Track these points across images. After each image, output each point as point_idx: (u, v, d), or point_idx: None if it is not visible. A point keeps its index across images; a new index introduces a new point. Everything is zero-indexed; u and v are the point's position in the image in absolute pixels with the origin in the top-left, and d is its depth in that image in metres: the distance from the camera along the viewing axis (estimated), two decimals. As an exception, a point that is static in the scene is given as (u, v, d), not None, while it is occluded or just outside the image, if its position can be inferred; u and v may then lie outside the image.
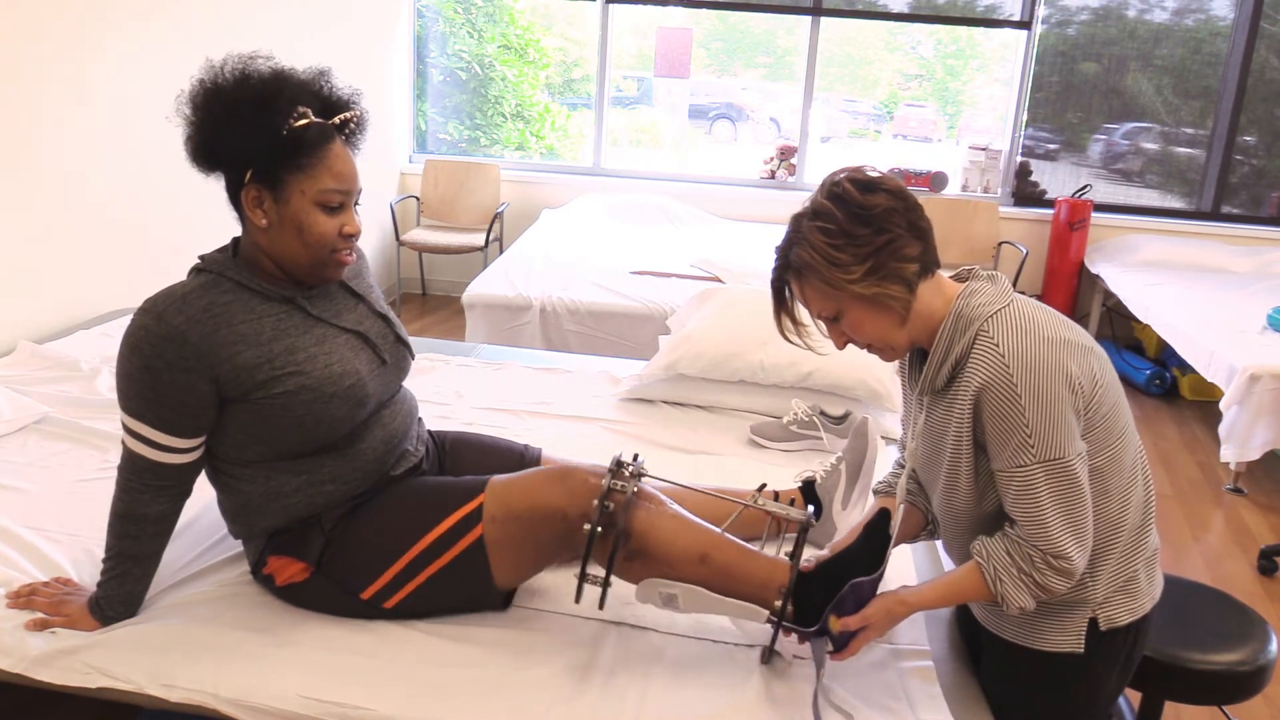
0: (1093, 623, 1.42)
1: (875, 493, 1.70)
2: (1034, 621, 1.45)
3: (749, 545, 1.57)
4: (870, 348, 1.44)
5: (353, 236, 1.57)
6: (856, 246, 1.34)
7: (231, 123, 1.47)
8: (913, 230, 1.36)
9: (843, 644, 1.44)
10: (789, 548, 1.70)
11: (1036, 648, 1.45)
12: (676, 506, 1.59)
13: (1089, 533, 1.35)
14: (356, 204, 1.60)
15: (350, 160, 1.56)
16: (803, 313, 1.48)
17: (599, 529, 1.49)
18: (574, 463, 1.62)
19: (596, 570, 1.70)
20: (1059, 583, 1.35)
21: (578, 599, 1.53)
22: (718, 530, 1.57)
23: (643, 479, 1.56)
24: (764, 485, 1.64)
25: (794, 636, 1.51)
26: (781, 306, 1.47)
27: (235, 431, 1.55)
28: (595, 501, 1.51)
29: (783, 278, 1.44)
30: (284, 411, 1.53)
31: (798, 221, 1.39)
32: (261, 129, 1.46)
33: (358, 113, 1.58)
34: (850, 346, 1.43)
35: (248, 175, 1.50)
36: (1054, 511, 1.33)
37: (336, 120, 1.54)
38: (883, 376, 2.51)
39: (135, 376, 1.48)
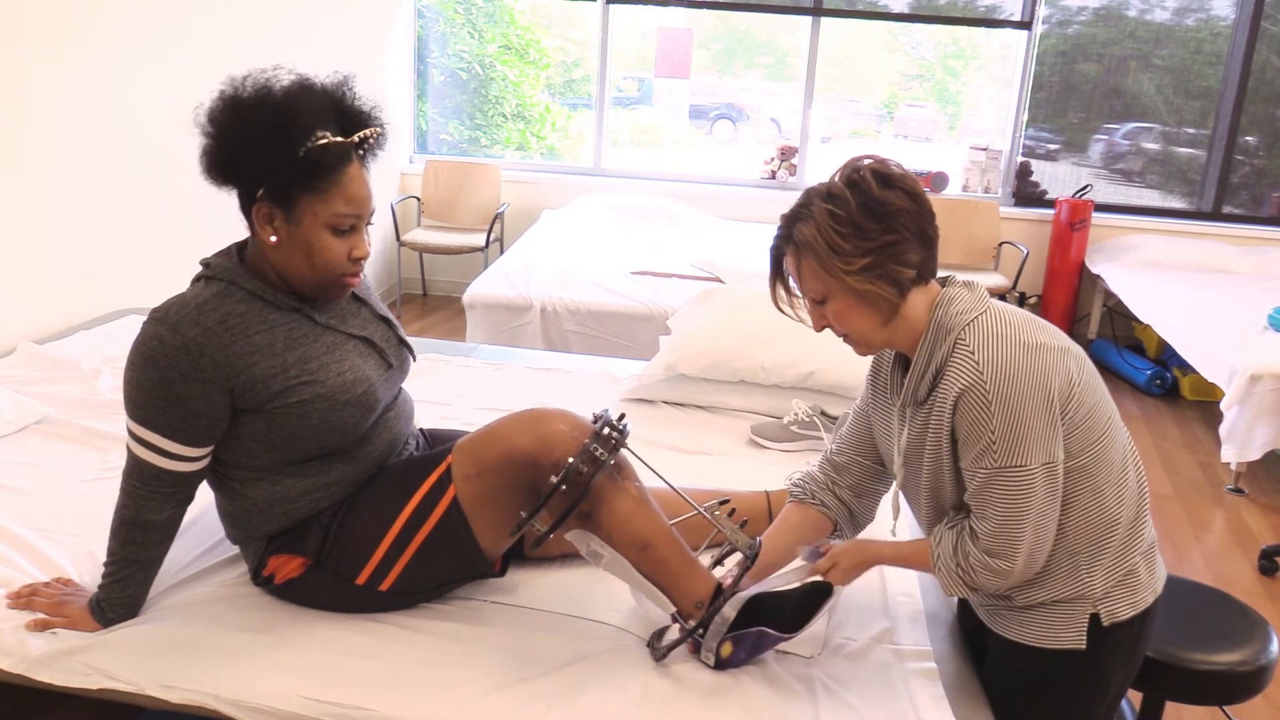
0: (1094, 619, 1.42)
1: (793, 496, 1.68)
2: (1035, 620, 1.46)
3: (691, 551, 1.57)
4: (847, 338, 1.45)
5: (361, 260, 1.56)
6: (861, 239, 1.34)
7: (249, 142, 1.45)
8: (919, 236, 1.36)
9: (723, 666, 1.50)
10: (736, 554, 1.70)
11: (1040, 646, 1.45)
12: (643, 488, 1.59)
13: (1039, 542, 1.37)
14: (369, 224, 1.59)
15: (365, 182, 1.54)
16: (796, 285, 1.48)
17: (563, 486, 1.48)
18: (549, 408, 1.61)
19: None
20: (989, 581, 1.39)
21: (513, 533, 1.52)
22: (669, 525, 1.57)
23: (620, 450, 1.55)
24: (727, 501, 1.64)
25: (680, 631, 1.54)
26: (778, 275, 1.46)
27: (249, 440, 1.55)
28: (571, 459, 1.49)
29: (782, 248, 1.43)
30: (299, 420, 1.53)
31: (809, 197, 1.39)
32: (279, 150, 1.45)
33: (378, 129, 1.56)
34: (828, 333, 1.46)
35: (260, 192, 1.49)
36: (1001, 515, 1.35)
37: (355, 138, 1.53)
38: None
39: (148, 387, 1.47)
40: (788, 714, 1.43)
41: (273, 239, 1.52)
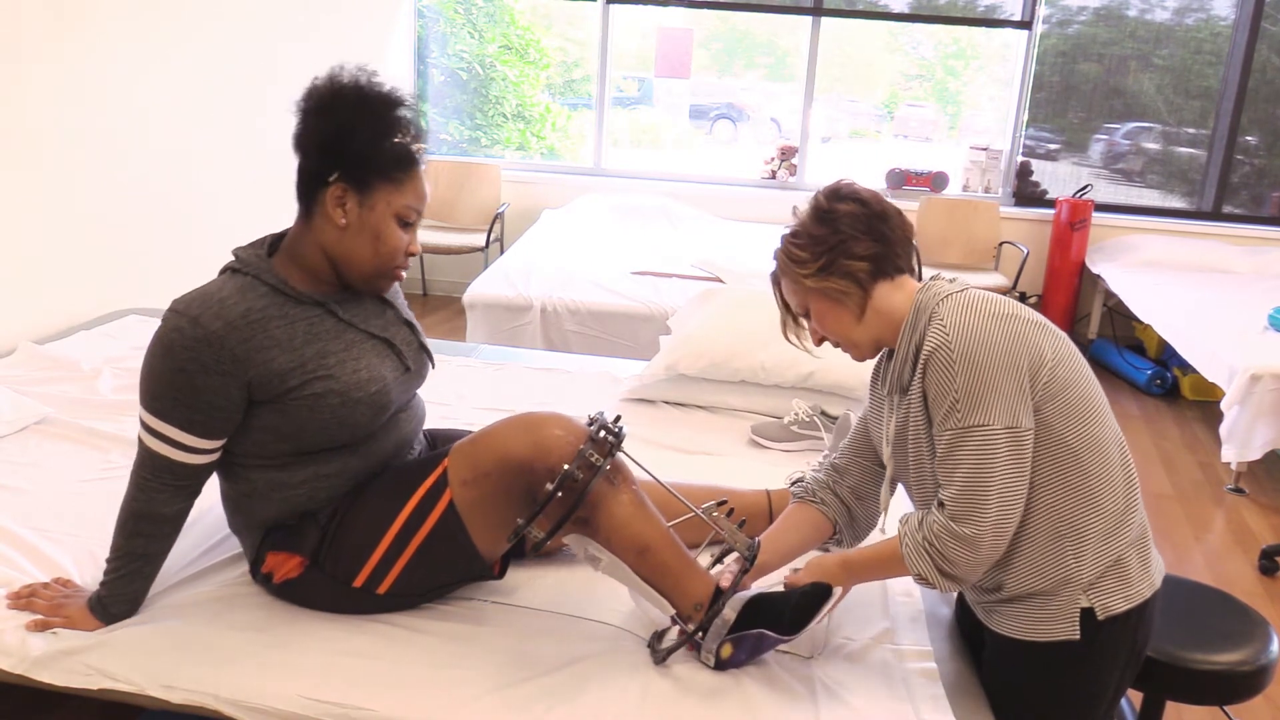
0: (1089, 613, 1.43)
1: (795, 496, 1.71)
2: (1027, 613, 1.46)
3: (690, 553, 1.57)
4: (838, 345, 1.54)
5: (414, 255, 1.64)
6: (814, 245, 1.47)
7: (352, 126, 1.53)
8: (870, 232, 1.46)
9: (723, 667, 1.50)
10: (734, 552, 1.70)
11: (1034, 640, 1.46)
12: (640, 491, 1.58)
13: (1006, 514, 1.38)
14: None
15: (425, 184, 1.63)
16: None
17: (559, 493, 1.48)
18: (544, 412, 1.61)
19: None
20: (958, 553, 1.39)
21: (509, 539, 1.53)
22: (668, 527, 1.57)
23: (616, 453, 1.54)
24: (725, 502, 1.64)
25: (680, 633, 1.54)
26: (786, 309, 1.59)
27: (259, 431, 1.56)
28: (566, 466, 1.48)
29: (773, 281, 1.58)
30: (310, 414, 1.54)
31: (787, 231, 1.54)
32: (375, 138, 1.54)
33: (425, 145, 1.65)
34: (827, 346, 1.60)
35: (335, 175, 1.53)
36: (966, 477, 1.37)
37: (418, 146, 1.61)
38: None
39: (166, 378, 1.48)
40: (788, 714, 1.43)
41: (342, 221, 1.56)
